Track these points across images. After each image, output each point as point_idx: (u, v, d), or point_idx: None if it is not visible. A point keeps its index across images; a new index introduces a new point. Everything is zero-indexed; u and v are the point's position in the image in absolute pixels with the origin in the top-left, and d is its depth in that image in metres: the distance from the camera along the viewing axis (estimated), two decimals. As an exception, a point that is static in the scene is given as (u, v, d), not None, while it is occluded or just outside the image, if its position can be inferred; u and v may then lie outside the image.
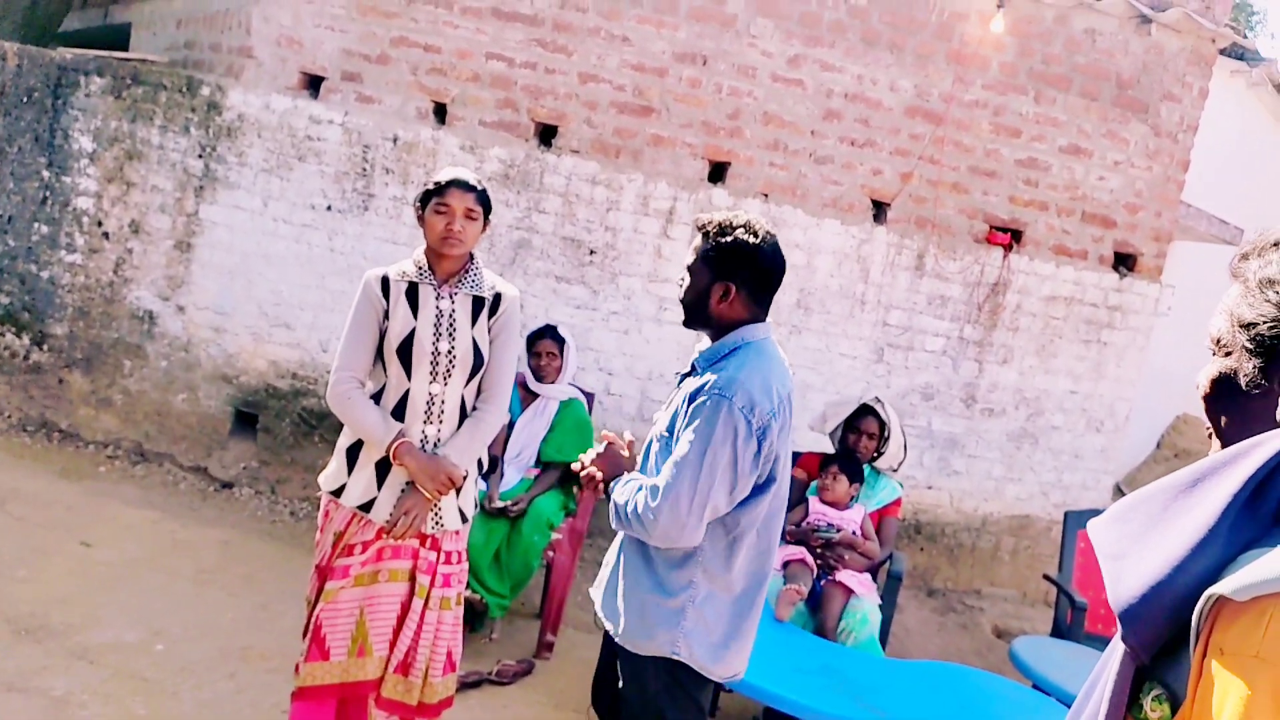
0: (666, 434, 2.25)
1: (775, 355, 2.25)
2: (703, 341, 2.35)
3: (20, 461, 4.69)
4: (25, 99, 5.02)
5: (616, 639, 2.28)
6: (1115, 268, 5.62)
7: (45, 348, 5.09)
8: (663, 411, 2.36)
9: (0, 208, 5.08)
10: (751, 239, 2.21)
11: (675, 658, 2.19)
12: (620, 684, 2.38)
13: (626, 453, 2.38)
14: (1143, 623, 0.94)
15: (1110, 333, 5.63)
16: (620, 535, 2.41)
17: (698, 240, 2.27)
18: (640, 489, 2.17)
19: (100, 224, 5.01)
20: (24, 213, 5.06)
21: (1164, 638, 0.94)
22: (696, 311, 2.27)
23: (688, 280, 2.27)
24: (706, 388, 2.13)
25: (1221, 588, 0.87)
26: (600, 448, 2.37)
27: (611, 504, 2.23)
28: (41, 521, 4.13)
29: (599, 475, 2.31)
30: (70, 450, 4.95)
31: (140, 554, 4.06)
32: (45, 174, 5.02)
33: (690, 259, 2.28)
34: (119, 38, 6.89)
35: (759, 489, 2.19)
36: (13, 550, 3.83)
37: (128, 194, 4.97)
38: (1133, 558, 0.95)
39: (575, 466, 2.39)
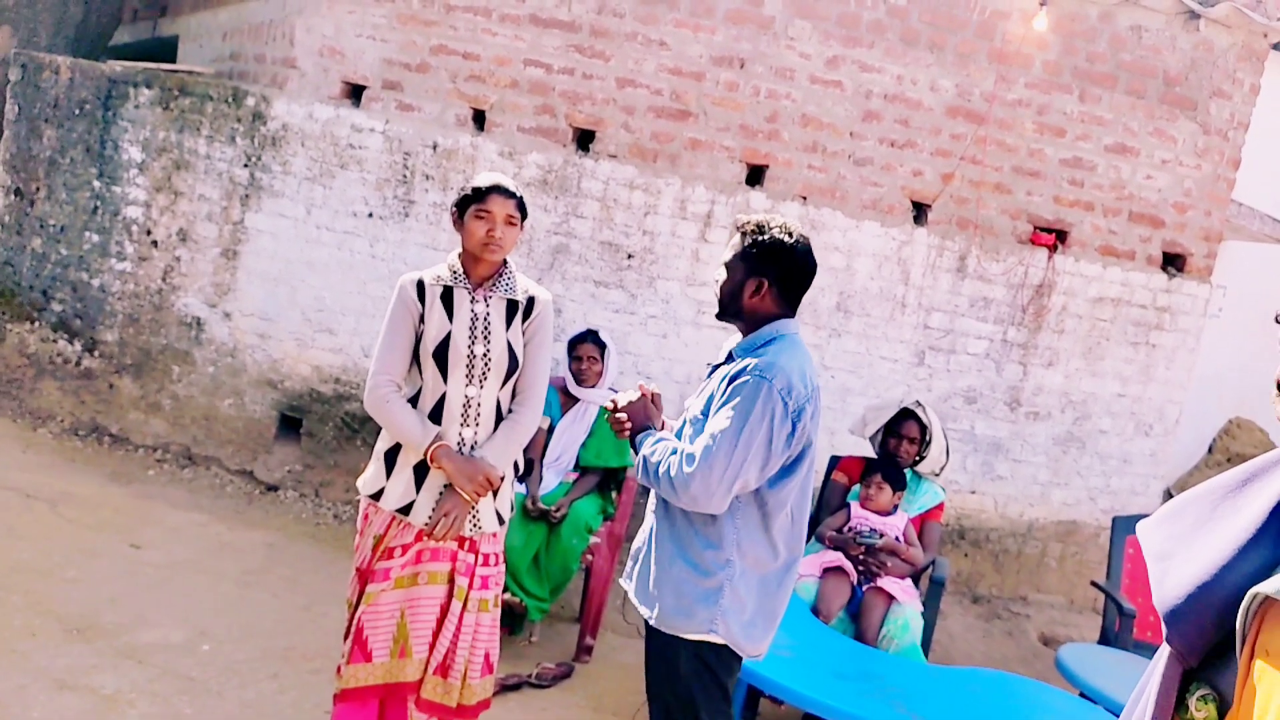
0: (701, 417, 2.37)
1: (805, 349, 2.41)
2: (733, 338, 2.48)
3: (72, 464, 4.80)
4: (77, 111, 5.15)
5: (652, 623, 2.36)
6: (1164, 268, 5.50)
7: (96, 354, 5.21)
8: (695, 399, 2.46)
9: (53, 217, 5.21)
10: (786, 238, 2.38)
11: (712, 637, 2.29)
12: (648, 668, 2.44)
13: (656, 408, 2.51)
14: (1187, 624, 0.92)
15: (1159, 334, 5.51)
16: (649, 524, 2.48)
17: (735, 239, 2.43)
18: (674, 452, 2.28)
19: (149, 232, 5.11)
20: (75, 222, 5.19)
21: (1210, 640, 0.92)
22: (731, 304, 2.42)
23: (724, 275, 2.42)
24: (748, 369, 2.26)
25: (1266, 587, 0.85)
26: (633, 395, 2.48)
27: (640, 458, 2.35)
28: (91, 523, 4.22)
29: (627, 422, 2.44)
30: (120, 454, 5.06)
31: (187, 555, 4.13)
32: (96, 184, 5.15)
33: (728, 256, 2.43)
34: (167, 50, 7.04)
35: (788, 468, 2.32)
36: (64, 551, 3.91)
37: (176, 203, 5.07)
38: (1179, 558, 0.94)
39: (607, 403, 2.49)
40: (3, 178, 5.26)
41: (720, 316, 2.46)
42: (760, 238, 2.35)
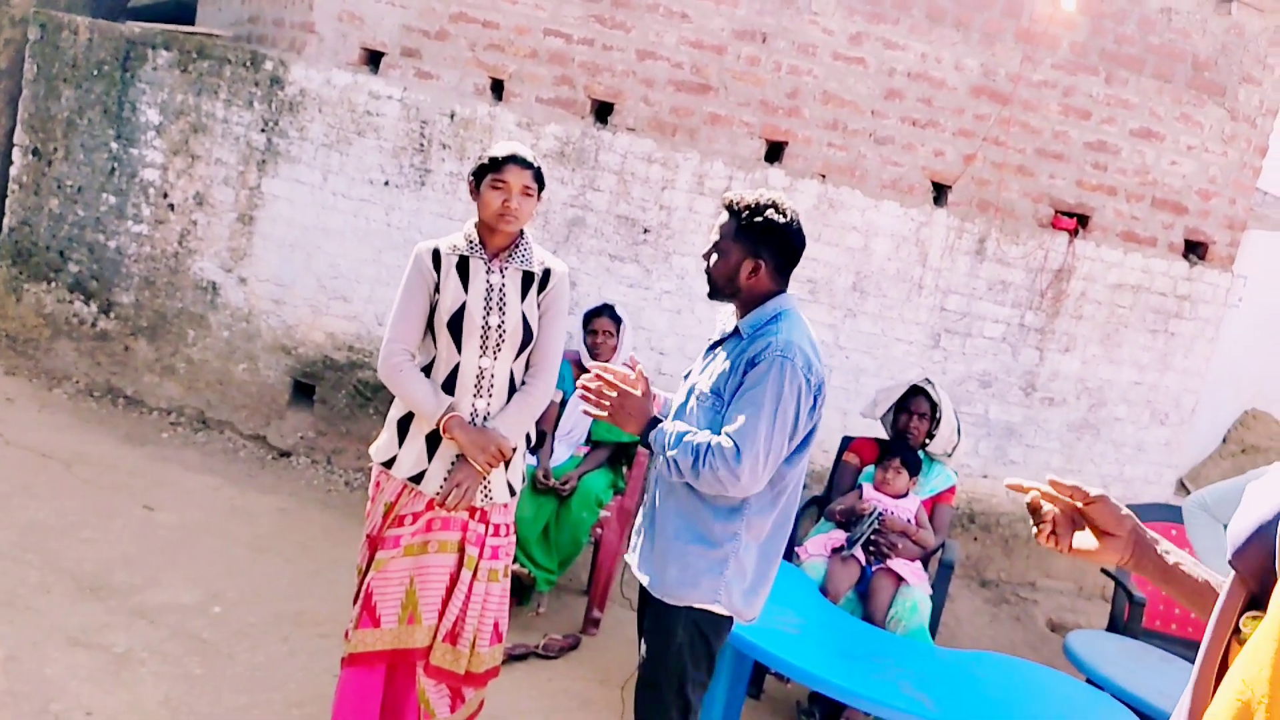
0: (711, 394, 2.37)
1: (806, 322, 2.43)
2: (727, 312, 2.48)
3: (87, 425, 4.83)
4: (95, 72, 5.14)
5: (654, 593, 2.40)
6: (1185, 256, 5.44)
7: (112, 315, 5.23)
8: (699, 375, 2.46)
9: (70, 178, 5.21)
10: (780, 218, 2.35)
11: (716, 606, 2.34)
12: (644, 637, 2.47)
13: (639, 391, 2.45)
14: (1247, 551, 1.09)
15: (1178, 323, 5.46)
16: (649, 499, 2.50)
17: (725, 217, 2.40)
18: (708, 447, 2.25)
19: (166, 195, 5.11)
20: (93, 183, 5.19)
21: (1270, 570, 1.06)
22: (727, 285, 2.41)
23: (717, 256, 2.41)
24: (767, 350, 2.27)
25: None
26: (624, 370, 2.47)
27: (665, 458, 2.31)
28: (106, 484, 4.25)
29: (600, 414, 2.40)
30: (135, 416, 5.08)
31: (200, 518, 4.16)
32: (113, 145, 5.14)
33: (717, 235, 2.41)
34: (185, 12, 7.00)
35: (802, 445, 2.35)
36: (79, 511, 3.95)
37: (192, 167, 5.07)
38: (1257, 500, 1.12)
39: (583, 380, 2.43)
40: (21, 137, 5.26)
41: (713, 296, 2.45)
42: (756, 219, 2.34)
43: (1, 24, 5.39)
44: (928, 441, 4.13)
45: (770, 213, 2.34)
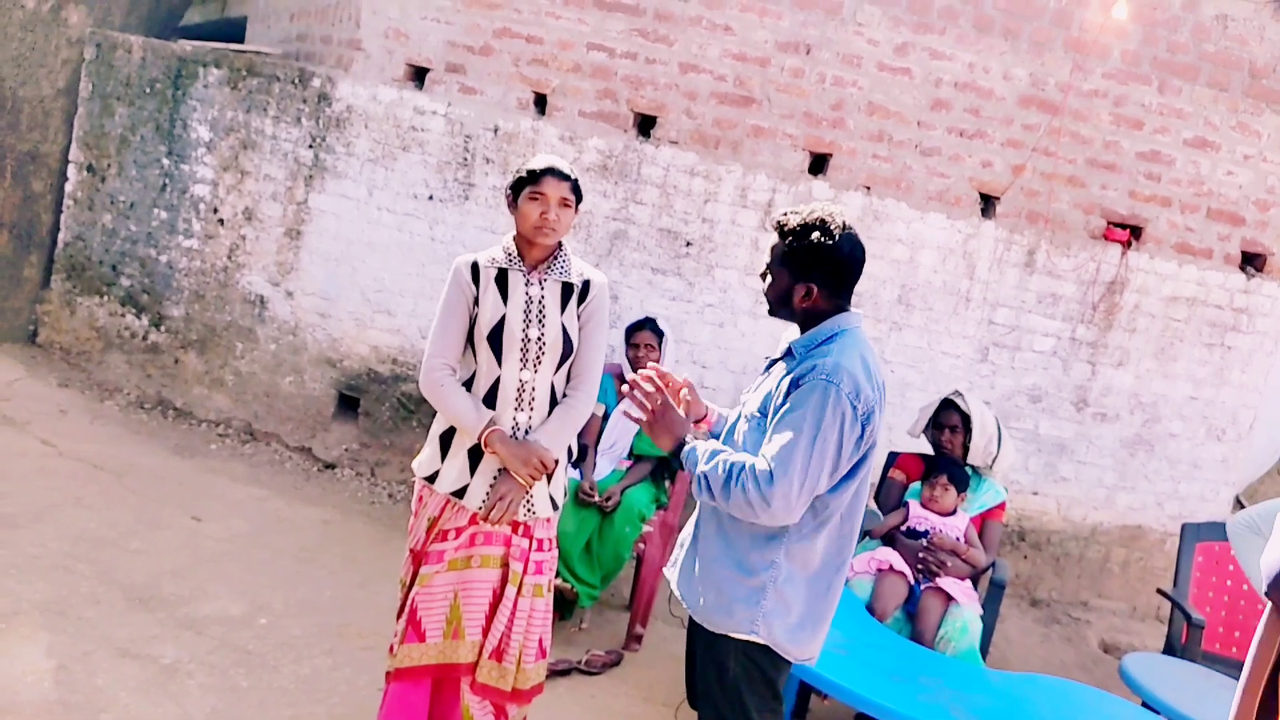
0: (759, 415, 2.28)
1: (868, 343, 2.30)
2: (791, 329, 2.39)
3: (137, 437, 4.91)
4: (148, 90, 5.24)
5: (695, 617, 2.33)
6: (1242, 268, 5.30)
7: (163, 329, 5.32)
8: (751, 393, 2.39)
9: (123, 194, 5.32)
10: (828, 240, 2.24)
11: (753, 638, 2.22)
12: (698, 665, 2.39)
13: (682, 411, 2.43)
14: None
15: (1235, 336, 5.31)
16: (695, 516, 2.43)
17: (774, 239, 2.33)
18: (743, 468, 2.16)
19: (216, 211, 5.19)
20: (145, 199, 5.29)
21: None
22: (782, 308, 2.35)
23: (770, 279, 2.35)
24: (812, 373, 2.16)
25: None
26: (664, 371, 2.44)
27: (699, 476, 2.23)
28: (155, 495, 4.31)
29: (641, 416, 2.36)
30: (184, 427, 5.16)
31: (247, 530, 4.20)
32: (165, 162, 5.24)
33: (769, 258, 2.34)
34: (235, 31, 7.14)
35: (849, 474, 2.23)
36: (128, 522, 4.00)
37: (242, 182, 5.14)
38: None
39: (629, 381, 2.40)
40: (76, 154, 5.38)
41: (773, 314, 2.38)
42: (801, 243, 2.25)
43: (59, 44, 5.52)
44: (964, 453, 4.04)
45: (816, 235, 2.23)
